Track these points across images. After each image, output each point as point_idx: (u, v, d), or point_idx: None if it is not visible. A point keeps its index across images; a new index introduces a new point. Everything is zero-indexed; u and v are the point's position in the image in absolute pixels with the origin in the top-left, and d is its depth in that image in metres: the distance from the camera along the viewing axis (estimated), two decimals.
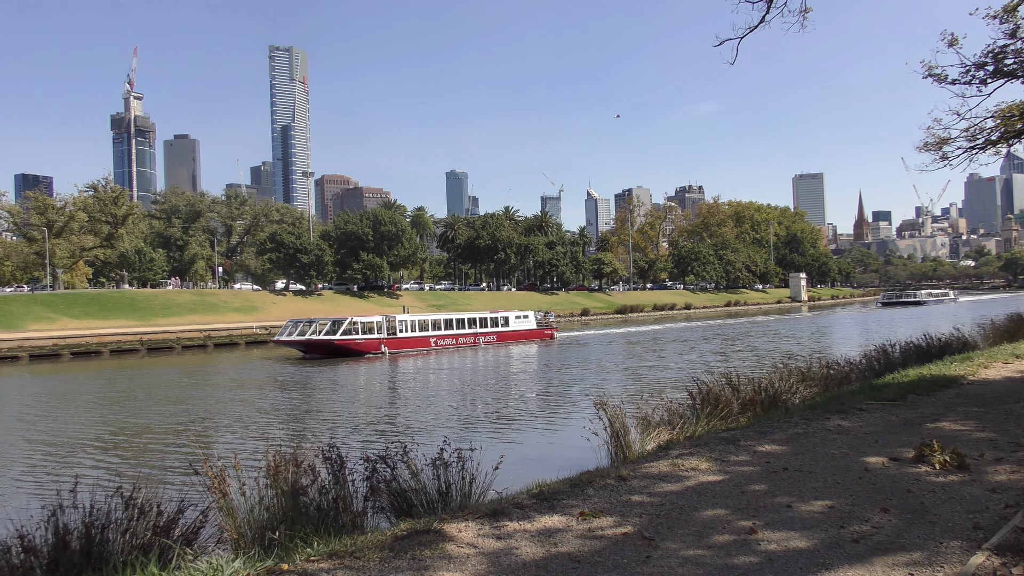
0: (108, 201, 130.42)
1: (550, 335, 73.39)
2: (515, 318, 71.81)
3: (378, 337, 58.88)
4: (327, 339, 56.64)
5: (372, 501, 9.20)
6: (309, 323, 58.96)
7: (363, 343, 57.82)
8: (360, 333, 58.13)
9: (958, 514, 7.51)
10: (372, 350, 57.92)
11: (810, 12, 13.65)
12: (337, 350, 56.75)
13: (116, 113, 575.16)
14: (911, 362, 23.10)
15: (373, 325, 59.35)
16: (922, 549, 6.56)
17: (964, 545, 6.61)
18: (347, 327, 57.63)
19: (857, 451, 10.48)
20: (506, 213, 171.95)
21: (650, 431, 12.85)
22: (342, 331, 57.16)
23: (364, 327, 58.67)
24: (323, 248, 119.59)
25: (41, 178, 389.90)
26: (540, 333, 72.93)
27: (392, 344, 59.51)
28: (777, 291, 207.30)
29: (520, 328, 71.37)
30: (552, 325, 75.96)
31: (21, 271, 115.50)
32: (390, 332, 60.04)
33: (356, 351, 57.19)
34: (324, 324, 58.04)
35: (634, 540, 6.96)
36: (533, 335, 72.10)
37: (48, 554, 7.27)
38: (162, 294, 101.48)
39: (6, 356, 63.69)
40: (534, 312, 76.56)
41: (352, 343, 57.30)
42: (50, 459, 22.62)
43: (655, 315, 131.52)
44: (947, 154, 21.16)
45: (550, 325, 75.46)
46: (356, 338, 57.62)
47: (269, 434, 25.34)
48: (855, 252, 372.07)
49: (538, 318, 75.04)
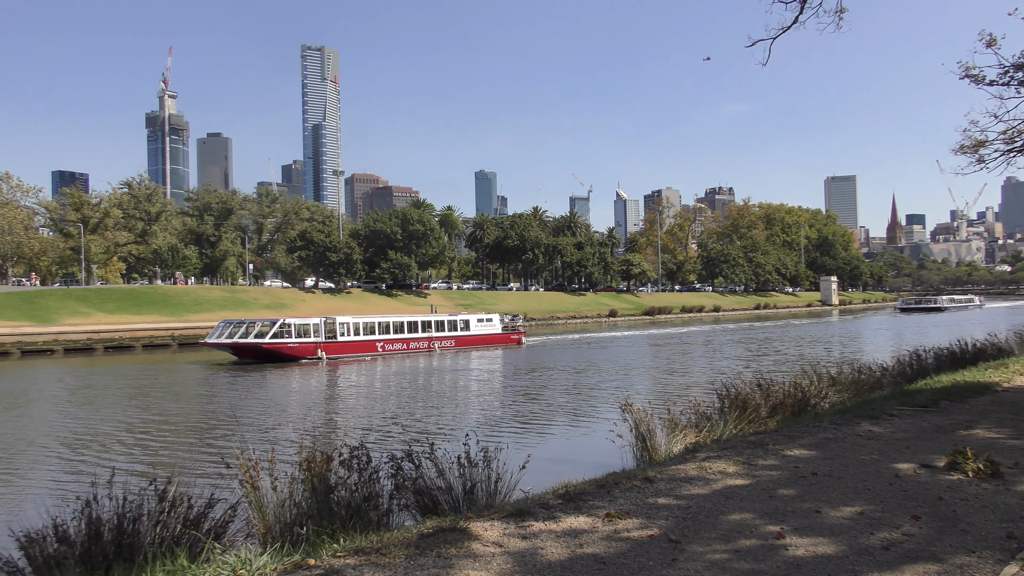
0: (142, 198, 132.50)
1: (517, 340, 68.97)
2: (477, 321, 67.66)
3: (314, 341, 54.69)
4: (255, 342, 52.59)
5: (398, 499, 9.25)
6: (241, 324, 55.13)
7: (296, 347, 53.67)
8: (294, 336, 53.93)
9: (991, 523, 7.38)
10: (307, 355, 53.90)
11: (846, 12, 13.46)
12: (267, 354, 52.78)
13: (151, 111, 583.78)
14: (944, 368, 22.79)
15: (309, 327, 55.21)
16: (954, 558, 6.46)
17: (997, 555, 6.51)
18: (278, 329, 53.50)
19: (888, 457, 10.35)
20: (535, 213, 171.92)
21: (676, 433, 12.79)
22: (272, 334, 52.97)
23: (299, 329, 54.52)
24: (352, 247, 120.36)
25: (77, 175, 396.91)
26: (506, 338, 68.39)
27: (331, 349, 55.36)
28: (807, 294, 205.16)
29: (483, 332, 67.03)
30: (520, 329, 71.98)
31: (57, 266, 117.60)
32: (329, 335, 55.79)
33: (288, 356, 53.15)
34: (262, 326, 53.94)
35: (660, 542, 6.93)
36: (498, 340, 67.54)
37: (81, 544, 7.40)
38: (193, 290, 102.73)
39: (42, 349, 64.96)
40: (500, 315, 72.63)
41: (283, 347, 53.22)
42: (86, 451, 22.98)
43: (683, 317, 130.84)
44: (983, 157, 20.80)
45: (517, 329, 71.34)
46: (288, 342, 53.49)
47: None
48: (888, 256, 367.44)
49: (505, 321, 71.23)
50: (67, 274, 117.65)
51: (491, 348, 64.12)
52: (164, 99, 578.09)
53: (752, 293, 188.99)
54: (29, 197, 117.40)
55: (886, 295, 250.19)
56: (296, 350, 53.54)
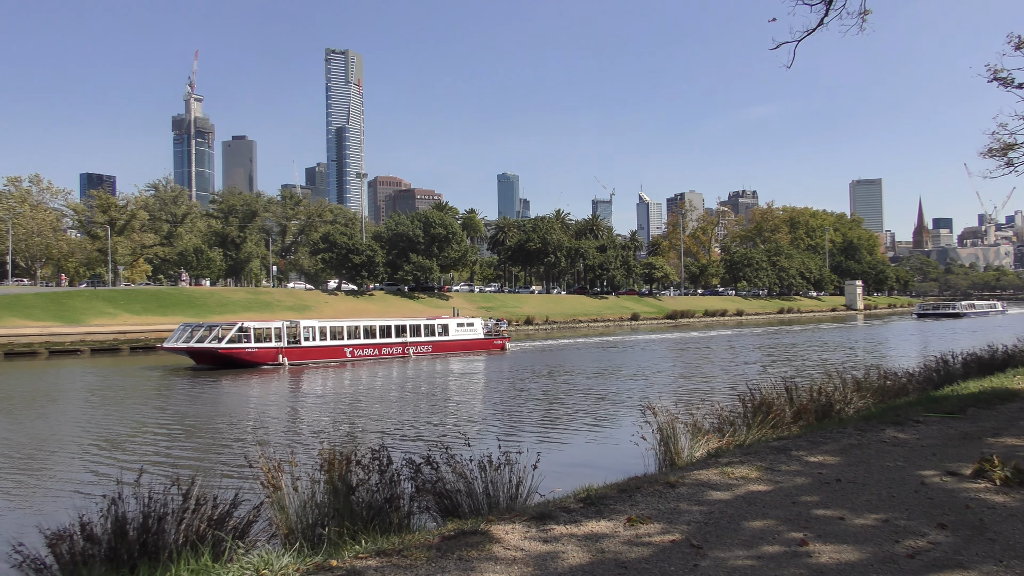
0: (168, 200, 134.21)
1: (500, 346, 65.78)
2: (457, 326, 64.67)
3: (276, 346, 52.37)
4: (210, 347, 50.41)
5: (418, 501, 9.29)
6: (200, 327, 52.83)
7: (255, 353, 51.38)
8: (253, 341, 51.68)
9: (1019, 532, 7.28)
10: (268, 361, 51.60)
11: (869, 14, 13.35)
12: (223, 360, 50.59)
13: (177, 114, 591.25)
14: (972, 374, 22.50)
15: (270, 332, 52.83)
16: (981, 567, 6.37)
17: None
18: (236, 333, 51.20)
19: (913, 464, 10.23)
20: (557, 216, 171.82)
21: (699, 438, 12.73)
22: (228, 338, 50.74)
23: (258, 334, 52.19)
24: (375, 249, 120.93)
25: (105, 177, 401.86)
26: (488, 343, 65.31)
27: (294, 354, 52.97)
28: (832, 299, 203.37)
29: (462, 338, 64.09)
30: (504, 334, 69.09)
31: (84, 267, 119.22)
32: (292, 340, 53.54)
33: (247, 361, 50.81)
34: (220, 330, 51.56)
35: (682, 548, 6.90)
36: (479, 346, 64.59)
37: (107, 543, 7.48)
38: (218, 292, 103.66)
39: (70, 349, 65.90)
40: (483, 319, 69.87)
41: (241, 352, 50.97)
42: (112, 449, 23.25)
43: (706, 321, 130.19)
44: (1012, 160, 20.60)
45: (501, 334, 68.38)
46: (247, 346, 51.29)
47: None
48: (914, 260, 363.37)
49: (489, 326, 68.82)
50: (94, 275, 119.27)
51: (471, 354, 61.34)
52: (190, 102, 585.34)
53: (776, 297, 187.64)
54: (58, 199, 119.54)
55: (912, 300, 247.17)
56: (255, 355, 51.40)
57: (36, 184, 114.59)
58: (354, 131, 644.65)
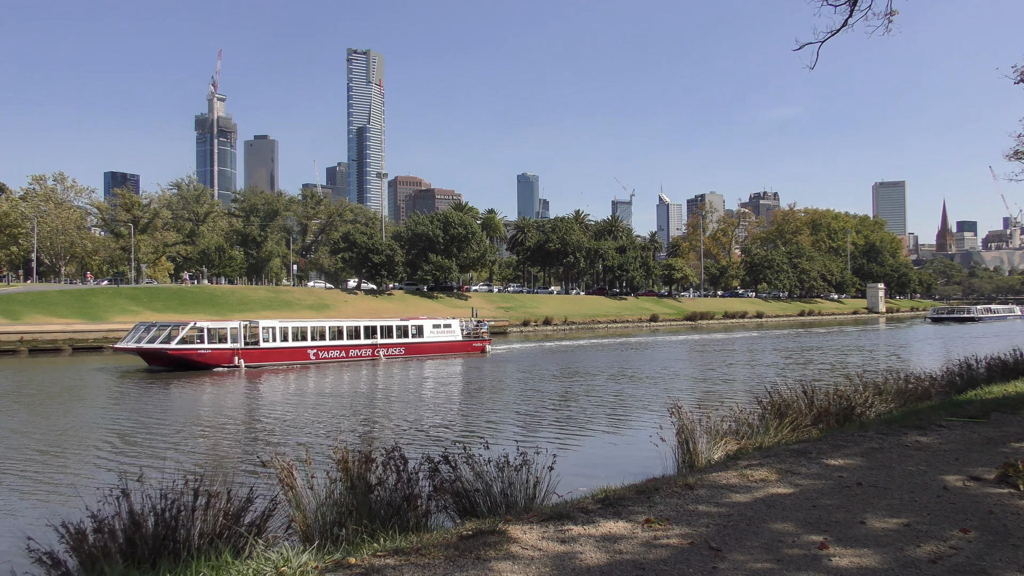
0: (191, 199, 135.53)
1: (480, 348, 62.64)
2: (432, 327, 61.69)
3: (231, 347, 49.93)
4: (160, 348, 48.41)
5: (435, 500, 9.32)
6: (153, 326, 50.68)
7: (207, 354, 49.08)
8: (207, 341, 49.49)
9: None
10: (223, 363, 49.30)
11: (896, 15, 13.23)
12: (175, 361, 48.65)
13: (200, 114, 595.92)
14: (996, 378, 22.27)
15: (226, 332, 50.31)
16: (1004, 574, 6.29)
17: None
18: (188, 333, 49.31)
19: (935, 469, 10.12)
20: (576, 217, 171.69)
21: (717, 440, 12.68)
22: (180, 338, 48.82)
23: (213, 334, 49.93)
24: (394, 248, 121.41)
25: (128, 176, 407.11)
26: (466, 346, 62.26)
27: (252, 356, 50.60)
28: (853, 301, 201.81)
29: (438, 340, 61.22)
30: (484, 337, 65.04)
31: (108, 265, 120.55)
32: (250, 341, 51.14)
33: (199, 363, 48.67)
34: (173, 330, 49.66)
35: (700, 550, 6.86)
36: (456, 348, 61.55)
37: (126, 539, 7.53)
38: (239, 290, 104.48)
39: (93, 346, 66.71)
40: (460, 320, 66.58)
41: (193, 354, 48.82)
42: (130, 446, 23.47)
43: (725, 323, 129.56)
44: None
45: (481, 336, 64.61)
46: (199, 347, 49.10)
47: None
48: (937, 263, 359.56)
49: (469, 327, 65.29)
50: (117, 273, 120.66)
51: (448, 357, 58.65)
52: (213, 102, 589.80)
53: (796, 300, 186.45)
54: (82, 197, 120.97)
55: (935, 303, 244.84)
56: (208, 357, 49.13)
57: (61, 183, 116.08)
58: (375, 131, 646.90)
